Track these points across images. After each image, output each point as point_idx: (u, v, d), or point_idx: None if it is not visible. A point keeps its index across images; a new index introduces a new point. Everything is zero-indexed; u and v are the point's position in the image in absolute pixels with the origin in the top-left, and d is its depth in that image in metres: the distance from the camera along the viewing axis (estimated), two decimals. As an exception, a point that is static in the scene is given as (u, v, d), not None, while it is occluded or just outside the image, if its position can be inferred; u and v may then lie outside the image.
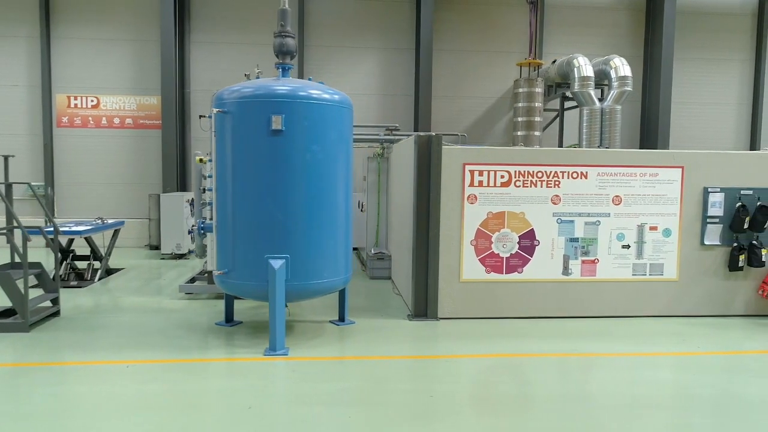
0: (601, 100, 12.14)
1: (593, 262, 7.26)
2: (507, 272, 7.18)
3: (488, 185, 7.07)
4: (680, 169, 7.26)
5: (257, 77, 6.21)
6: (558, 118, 13.45)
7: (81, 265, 9.75)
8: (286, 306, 6.77)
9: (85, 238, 9.49)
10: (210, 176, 6.09)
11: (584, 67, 11.71)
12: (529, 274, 7.19)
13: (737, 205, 7.26)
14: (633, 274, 7.32)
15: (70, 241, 9.55)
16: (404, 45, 14.17)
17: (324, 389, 4.84)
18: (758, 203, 7.26)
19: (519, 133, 11.63)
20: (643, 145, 14.65)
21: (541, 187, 7.14)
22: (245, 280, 5.82)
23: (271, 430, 4.03)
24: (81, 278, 9.44)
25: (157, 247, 12.62)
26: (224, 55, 13.60)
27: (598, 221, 7.24)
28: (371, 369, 5.43)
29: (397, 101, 14.28)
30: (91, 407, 4.40)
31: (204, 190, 6.28)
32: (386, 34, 14.15)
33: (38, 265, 6.91)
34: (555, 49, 14.29)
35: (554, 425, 4.22)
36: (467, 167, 7.03)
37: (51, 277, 7.09)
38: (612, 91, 11.80)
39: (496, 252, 7.14)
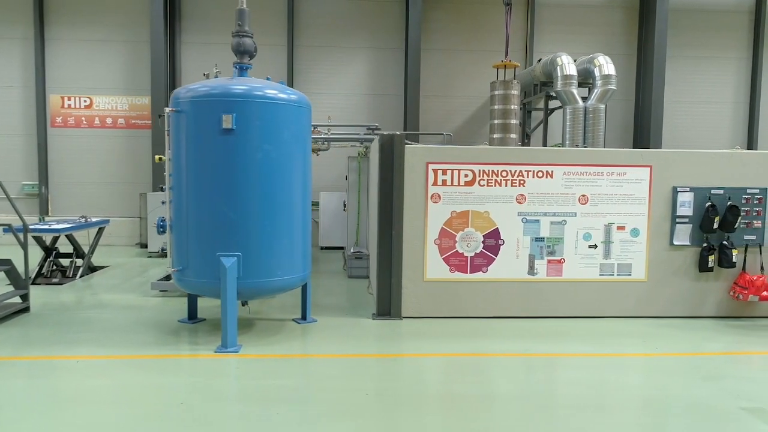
0: (585, 99, 12.00)
1: (559, 261, 7.20)
2: (471, 272, 7.15)
3: (452, 184, 7.04)
4: (648, 168, 7.17)
5: (216, 76, 6.26)
6: (543, 118, 13.34)
7: (66, 262, 9.90)
8: (246, 303, 6.86)
9: (67, 236, 9.64)
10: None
11: (567, 65, 11.60)
12: (494, 273, 7.16)
13: (707, 204, 7.15)
14: (600, 275, 7.24)
15: (55, 239, 9.71)
16: (394, 45, 14.17)
17: (264, 386, 4.86)
18: (728, 203, 7.15)
19: (495, 135, 11.50)
20: (636, 145, 14.48)
21: (506, 186, 7.10)
22: (199, 277, 5.87)
23: (193, 425, 4.07)
24: (64, 275, 9.60)
25: (147, 246, 12.77)
26: (215, 56, 13.67)
27: (564, 221, 7.18)
28: (318, 367, 5.45)
29: (387, 101, 14.28)
30: (23, 402, 4.46)
31: (162, 188, 6.35)
32: (376, 34, 14.16)
33: (8, 261, 7.04)
34: (547, 48, 14.18)
35: (490, 425, 4.20)
36: (431, 166, 7.02)
37: (34, 273, 7.21)
38: (596, 90, 11.67)
39: (460, 251, 7.12)
